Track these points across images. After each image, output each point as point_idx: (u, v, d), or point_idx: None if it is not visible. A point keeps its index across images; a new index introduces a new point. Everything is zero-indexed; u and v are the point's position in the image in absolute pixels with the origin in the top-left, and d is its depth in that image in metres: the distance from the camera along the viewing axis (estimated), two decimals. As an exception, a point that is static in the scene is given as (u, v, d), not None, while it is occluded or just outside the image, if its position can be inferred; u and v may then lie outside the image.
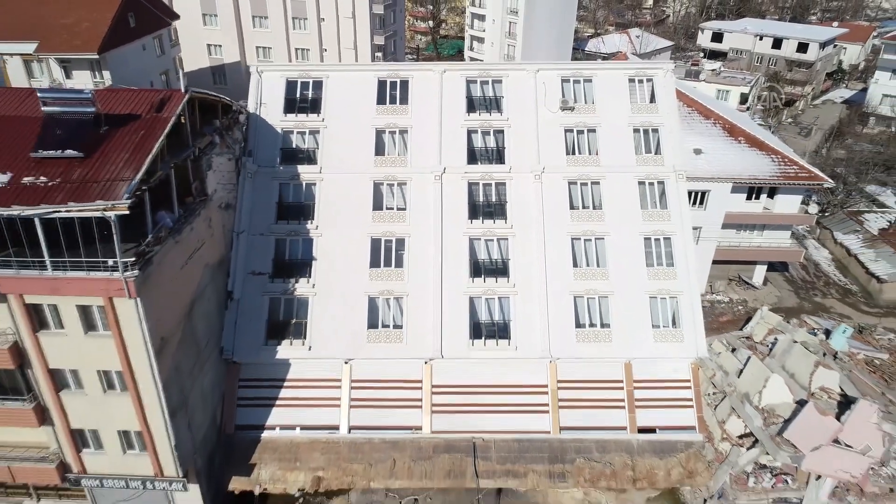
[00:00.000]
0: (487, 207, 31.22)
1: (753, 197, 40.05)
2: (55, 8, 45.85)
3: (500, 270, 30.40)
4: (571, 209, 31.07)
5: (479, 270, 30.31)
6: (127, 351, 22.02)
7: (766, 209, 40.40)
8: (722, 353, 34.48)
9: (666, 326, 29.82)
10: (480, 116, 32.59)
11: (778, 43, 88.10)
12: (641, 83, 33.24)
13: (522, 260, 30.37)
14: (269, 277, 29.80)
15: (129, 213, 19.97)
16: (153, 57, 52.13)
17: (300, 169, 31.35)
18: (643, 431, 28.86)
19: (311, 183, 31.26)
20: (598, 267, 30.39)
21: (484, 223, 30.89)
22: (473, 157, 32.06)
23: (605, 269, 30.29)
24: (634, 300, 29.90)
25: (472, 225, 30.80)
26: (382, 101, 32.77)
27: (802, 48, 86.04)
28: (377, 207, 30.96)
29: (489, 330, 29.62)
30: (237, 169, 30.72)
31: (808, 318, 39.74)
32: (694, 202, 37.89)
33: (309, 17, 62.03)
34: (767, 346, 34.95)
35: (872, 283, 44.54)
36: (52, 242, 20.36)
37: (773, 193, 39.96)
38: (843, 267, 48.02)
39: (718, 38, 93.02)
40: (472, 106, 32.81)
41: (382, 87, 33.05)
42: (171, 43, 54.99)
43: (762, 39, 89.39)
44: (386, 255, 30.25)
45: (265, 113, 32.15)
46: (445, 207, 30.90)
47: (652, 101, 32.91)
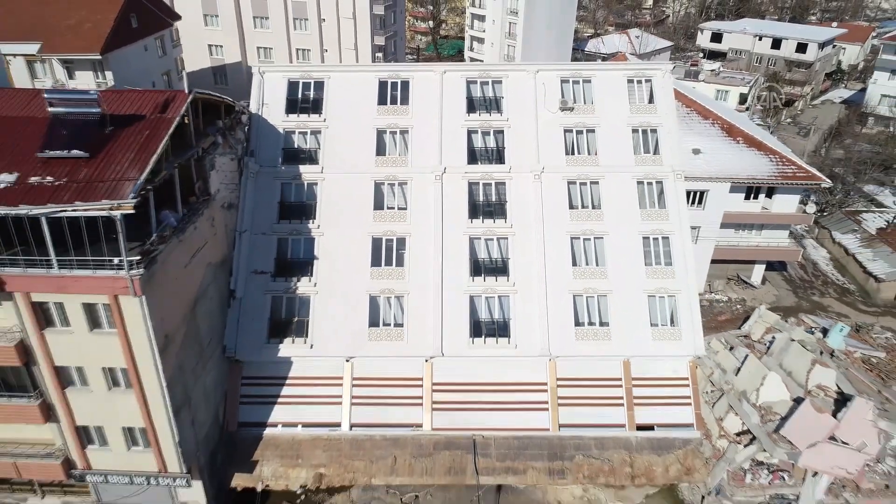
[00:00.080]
0: (487, 207, 31.47)
1: (752, 197, 40.22)
2: (58, 9, 46.10)
3: (499, 269, 30.66)
4: (571, 209, 31.32)
5: (479, 269, 30.57)
6: (132, 348, 22.33)
7: (764, 209, 40.61)
8: (720, 351, 34.74)
9: (664, 325, 30.07)
10: (480, 117, 32.83)
11: (777, 43, 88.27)
12: (640, 84, 33.47)
13: (522, 259, 30.62)
14: (271, 276, 30.06)
15: (134, 212, 20.26)
16: (155, 57, 52.40)
17: (302, 169, 31.60)
18: (642, 429, 29.11)
19: (312, 183, 31.52)
20: (597, 266, 30.63)
21: (484, 223, 31.14)
22: (473, 157, 32.32)
23: (603, 268, 30.54)
24: (633, 299, 30.15)
25: (472, 224, 31.06)
26: (383, 101, 33.01)
27: (801, 48, 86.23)
28: (378, 207, 31.22)
29: (489, 328, 29.88)
30: (240, 169, 30.99)
31: (805, 316, 39.96)
32: (693, 202, 38.12)
33: (310, 17, 62.25)
34: (765, 344, 35.20)
35: (870, 282, 44.78)
36: (58, 241, 20.67)
37: (771, 193, 40.15)
38: (841, 266, 48.26)
39: (718, 38, 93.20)
40: (472, 106, 33.05)
41: (383, 87, 33.29)
42: (172, 43, 55.20)
43: (761, 40, 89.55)
44: (387, 254, 30.51)
45: (267, 113, 32.41)
46: (446, 207, 31.15)
47: (650, 101, 33.15)
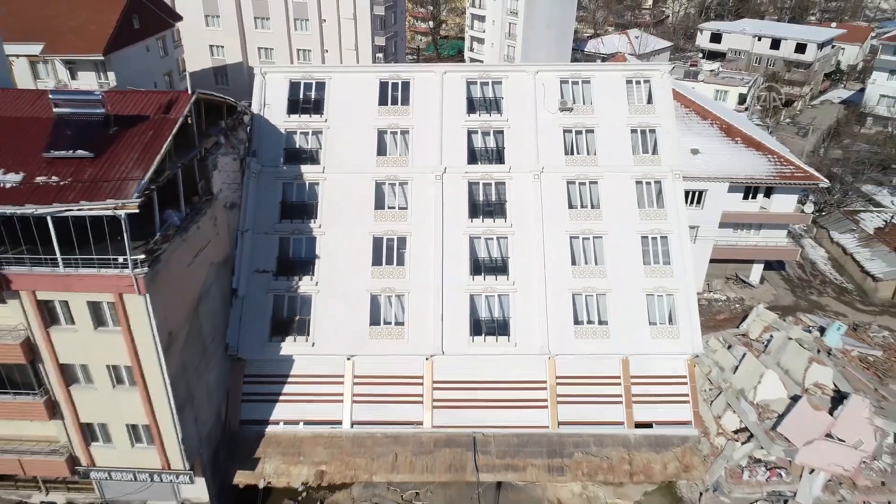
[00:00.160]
0: (487, 207, 31.71)
1: (750, 196, 40.50)
2: (61, 10, 46.43)
3: (499, 268, 30.88)
4: (570, 208, 31.54)
5: (479, 268, 30.79)
6: (136, 346, 22.57)
7: (762, 208, 40.85)
8: (718, 350, 35.00)
9: (663, 323, 30.27)
10: (480, 117, 33.06)
11: (776, 43, 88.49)
12: (639, 84, 33.69)
13: (522, 258, 30.83)
14: (273, 275, 30.28)
15: (138, 211, 20.49)
16: (157, 58, 52.70)
17: (303, 169, 31.84)
18: (640, 426, 29.31)
19: (314, 182, 31.75)
20: (595, 265, 30.85)
21: (484, 222, 31.37)
22: (474, 157, 32.55)
23: (602, 266, 30.76)
24: (632, 297, 30.35)
25: (472, 224, 31.28)
26: (384, 101, 33.24)
27: (800, 49, 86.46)
28: (379, 206, 31.44)
29: (489, 327, 30.10)
30: (242, 169, 31.21)
31: (803, 315, 40.24)
32: (691, 202, 38.39)
33: (310, 18, 62.42)
34: (763, 343, 35.47)
35: (868, 281, 45.06)
36: (63, 240, 20.89)
37: (769, 193, 40.41)
38: (839, 266, 48.54)
39: (717, 38, 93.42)
40: (472, 107, 33.26)
41: (384, 88, 33.51)
42: (173, 44, 55.52)
43: (760, 40, 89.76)
44: (388, 253, 30.73)
45: (269, 114, 32.64)
46: (446, 207, 31.38)
47: (649, 102, 33.37)
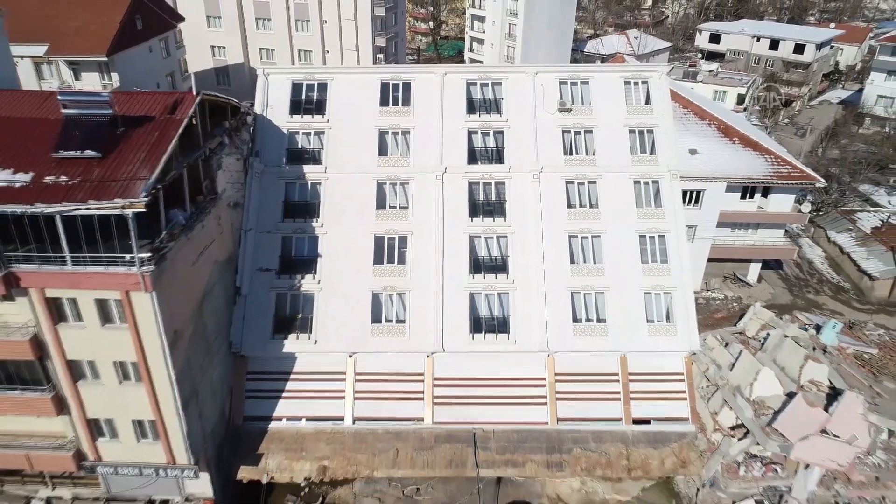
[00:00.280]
0: (487, 206, 32.09)
1: (748, 196, 40.89)
2: (64, 11, 46.79)
3: (499, 267, 31.27)
4: (569, 207, 31.91)
5: (479, 267, 31.17)
6: (142, 343, 22.98)
7: (760, 208, 41.22)
8: (715, 347, 35.38)
9: (660, 321, 30.65)
10: (480, 118, 33.44)
11: (775, 44, 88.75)
12: (637, 85, 34.08)
13: (521, 257, 31.21)
14: (275, 274, 30.66)
15: (145, 210, 20.91)
16: (159, 59, 53.07)
17: (306, 169, 32.24)
18: (638, 422, 29.73)
19: (316, 182, 32.13)
20: (594, 263, 31.21)
21: (484, 221, 31.75)
22: (474, 157, 32.93)
23: (601, 265, 31.13)
24: (630, 296, 30.74)
25: (472, 223, 31.65)
26: (385, 102, 33.61)
27: (799, 49, 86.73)
28: (380, 206, 31.82)
29: (489, 324, 30.47)
30: (245, 169, 31.61)
31: (800, 314, 40.62)
32: (689, 201, 38.78)
33: (311, 19, 62.78)
34: (759, 340, 35.83)
35: (864, 280, 45.41)
36: (71, 238, 21.32)
37: (766, 193, 40.78)
38: (836, 265, 48.91)
39: (716, 39, 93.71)
40: (472, 107, 33.63)
41: (385, 89, 33.88)
42: (176, 45, 55.87)
43: (759, 40, 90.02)
44: (389, 252, 31.11)
45: (271, 114, 33.03)
46: (446, 206, 31.75)
47: (647, 102, 33.75)
